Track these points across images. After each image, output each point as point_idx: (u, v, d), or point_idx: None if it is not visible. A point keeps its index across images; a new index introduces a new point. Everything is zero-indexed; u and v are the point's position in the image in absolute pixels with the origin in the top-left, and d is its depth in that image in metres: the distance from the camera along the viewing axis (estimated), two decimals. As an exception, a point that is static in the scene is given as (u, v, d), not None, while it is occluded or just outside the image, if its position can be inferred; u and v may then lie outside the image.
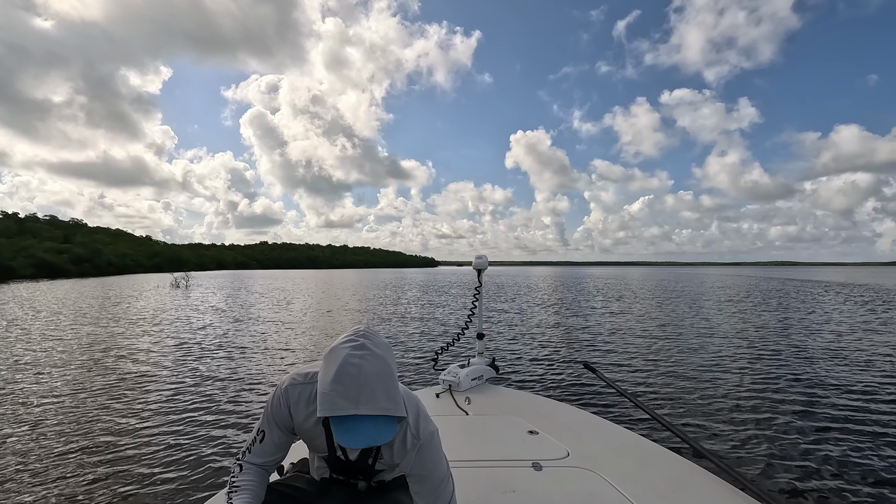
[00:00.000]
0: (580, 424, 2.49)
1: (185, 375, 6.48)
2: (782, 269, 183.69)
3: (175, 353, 8.08)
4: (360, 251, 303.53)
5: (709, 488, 1.81)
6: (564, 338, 9.63)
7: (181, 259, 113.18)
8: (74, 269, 69.74)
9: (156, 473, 3.45)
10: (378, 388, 0.97)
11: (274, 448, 1.23)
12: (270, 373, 6.65)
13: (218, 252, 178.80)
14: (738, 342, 8.89)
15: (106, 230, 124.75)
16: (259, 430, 1.23)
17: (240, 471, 1.21)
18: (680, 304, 17.37)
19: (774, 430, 4.27)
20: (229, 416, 4.72)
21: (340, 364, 0.98)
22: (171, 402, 5.20)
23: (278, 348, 8.60)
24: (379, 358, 1.01)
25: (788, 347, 8.29)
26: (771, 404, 5.01)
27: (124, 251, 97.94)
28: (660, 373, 6.50)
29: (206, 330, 11.04)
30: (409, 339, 9.71)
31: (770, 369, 6.65)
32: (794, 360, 7.16)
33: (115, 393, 5.57)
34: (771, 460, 3.61)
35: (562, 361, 7.29)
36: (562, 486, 1.77)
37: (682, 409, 4.89)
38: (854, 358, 7.34)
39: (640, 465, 1.98)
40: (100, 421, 4.59)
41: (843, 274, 69.93)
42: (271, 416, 1.21)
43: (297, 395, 1.19)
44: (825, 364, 6.92)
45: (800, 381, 5.98)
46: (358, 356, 0.99)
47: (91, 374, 6.48)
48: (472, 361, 3.27)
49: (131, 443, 4.00)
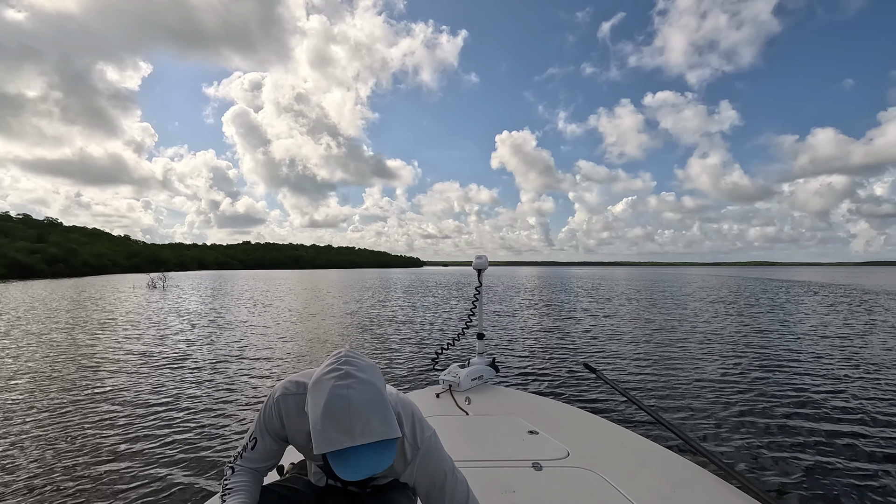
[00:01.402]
0: (580, 424, 2.49)
1: (150, 386, 5.89)
2: (761, 269, 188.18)
3: (141, 361, 7.45)
4: (345, 251, 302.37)
5: (709, 488, 1.80)
6: (564, 338, 9.55)
7: (161, 259, 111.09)
8: (48, 269, 67.92)
9: (121, 490, 3.25)
10: (372, 415, 0.94)
11: (265, 455, 1.22)
12: (248, 383, 6.06)
13: (199, 252, 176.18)
14: (734, 343, 8.87)
15: (82, 229, 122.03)
16: (252, 436, 1.21)
17: (232, 473, 1.20)
18: (672, 304, 17.44)
19: (774, 429, 4.25)
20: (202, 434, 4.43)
21: (328, 398, 0.94)
22: (130, 418, 4.67)
23: (256, 357, 7.75)
24: (366, 384, 0.96)
25: (784, 348, 8.30)
26: (770, 404, 4.98)
27: (101, 251, 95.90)
28: (659, 373, 6.46)
29: (178, 336, 10.09)
30: (403, 343, 9.51)
31: (768, 369, 6.58)
32: (791, 361, 7.12)
33: (67, 408, 4.98)
34: (770, 460, 3.58)
35: (562, 361, 7.23)
36: (562, 486, 1.76)
37: (682, 409, 4.86)
38: (851, 358, 7.29)
39: (640, 465, 1.97)
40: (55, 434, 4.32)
41: (823, 274, 71.63)
42: (264, 425, 1.19)
43: (289, 405, 1.16)
44: (824, 364, 6.88)
45: (798, 381, 5.96)
46: (345, 387, 0.95)
47: (41, 386, 5.90)
48: (472, 361, 3.27)
49: (94, 460, 3.74)
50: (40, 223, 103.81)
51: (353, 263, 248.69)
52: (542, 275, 71.06)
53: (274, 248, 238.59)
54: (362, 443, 0.91)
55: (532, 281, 43.77)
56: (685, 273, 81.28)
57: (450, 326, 11.75)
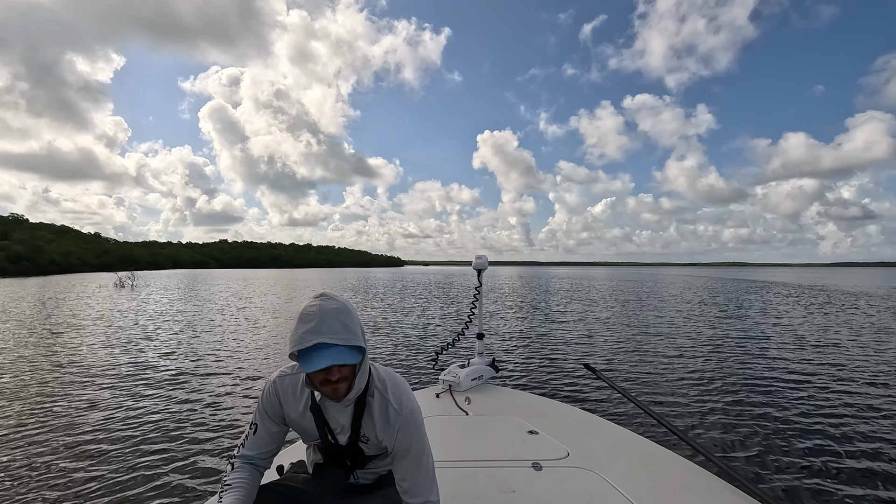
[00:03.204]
0: (580, 424, 2.47)
1: (87, 400, 5.16)
2: (735, 269, 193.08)
3: (87, 367, 6.83)
4: (325, 250, 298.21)
5: (709, 488, 1.79)
6: (564, 338, 9.52)
7: (134, 257, 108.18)
8: (11, 267, 65.25)
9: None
10: (336, 321, 1.11)
11: (267, 439, 1.29)
12: (210, 401, 5.16)
13: (174, 250, 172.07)
14: (731, 343, 8.89)
15: (50, 226, 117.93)
16: (252, 423, 1.30)
17: (231, 469, 1.24)
18: (663, 305, 17.54)
19: (773, 429, 4.22)
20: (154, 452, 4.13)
21: (303, 309, 1.13)
22: (72, 437, 4.10)
23: (223, 372, 6.46)
24: (337, 301, 1.15)
25: (781, 348, 8.33)
26: (769, 404, 4.98)
27: (69, 249, 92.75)
28: (657, 372, 6.45)
29: (142, 343, 8.90)
30: (401, 343, 9.35)
31: (766, 369, 6.60)
32: (789, 361, 7.14)
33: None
34: (770, 460, 3.56)
35: (562, 362, 7.21)
36: (562, 486, 1.75)
37: (681, 409, 4.84)
38: (849, 359, 7.35)
39: (640, 465, 1.95)
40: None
41: (796, 275, 73.82)
42: (263, 408, 1.29)
43: (285, 385, 1.29)
44: (822, 364, 6.91)
45: (797, 380, 5.98)
46: (317, 301, 1.13)
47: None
48: (472, 361, 3.26)
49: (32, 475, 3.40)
50: (5, 219, 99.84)
51: (333, 263, 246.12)
52: (524, 274, 71.42)
53: (252, 247, 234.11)
54: (325, 341, 1.08)
55: (514, 281, 43.96)
56: (664, 273, 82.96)
57: (438, 327, 11.57)
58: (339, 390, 1.16)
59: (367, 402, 1.27)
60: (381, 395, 1.26)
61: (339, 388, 1.15)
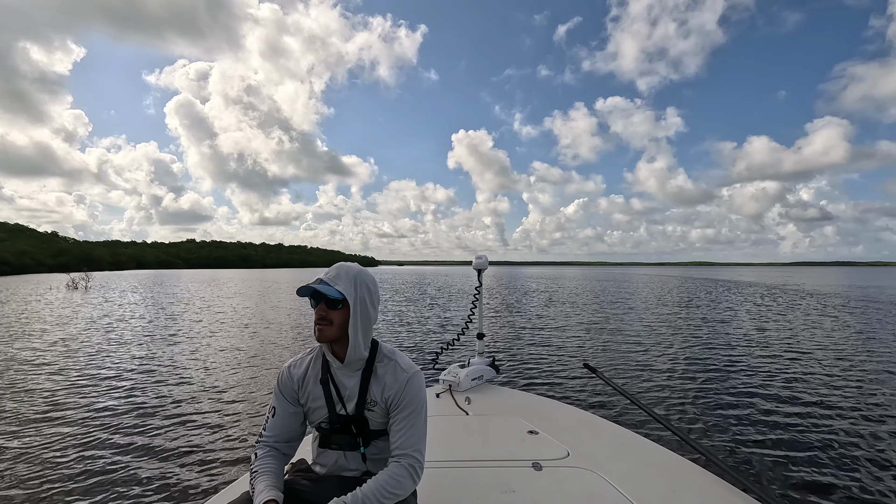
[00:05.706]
0: (580, 424, 2.45)
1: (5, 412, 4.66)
2: (701, 269, 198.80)
3: (21, 372, 6.42)
4: (297, 250, 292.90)
5: (709, 488, 1.79)
6: (564, 338, 9.48)
7: (94, 257, 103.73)
8: (-42, 268, 61.24)
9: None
10: (341, 272, 1.28)
11: (287, 420, 1.36)
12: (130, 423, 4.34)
13: (138, 250, 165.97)
14: (728, 342, 8.91)
15: (3, 225, 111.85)
16: (271, 407, 1.38)
17: (255, 457, 1.30)
18: (647, 303, 17.79)
19: (773, 429, 4.20)
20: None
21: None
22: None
23: (182, 400, 5.14)
24: (358, 267, 1.33)
25: (778, 348, 8.33)
26: (768, 403, 4.97)
27: (24, 248, 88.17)
28: (657, 372, 6.42)
29: (83, 352, 7.94)
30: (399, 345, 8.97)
31: (764, 369, 6.57)
32: (787, 361, 7.14)
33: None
34: (770, 460, 3.53)
35: (562, 361, 7.17)
36: (562, 486, 1.75)
37: (681, 409, 4.82)
38: (848, 359, 7.34)
39: (640, 465, 1.95)
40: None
41: (761, 274, 76.43)
42: (279, 391, 1.37)
43: (297, 363, 1.41)
44: (821, 364, 6.91)
45: (796, 380, 5.97)
46: (348, 263, 1.32)
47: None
48: (472, 361, 3.26)
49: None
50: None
51: (305, 263, 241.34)
52: (500, 274, 71.74)
53: (221, 247, 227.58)
54: (322, 279, 1.27)
55: (490, 280, 44.00)
56: (635, 273, 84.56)
57: (429, 328, 11.39)
58: (323, 332, 1.27)
59: (374, 369, 1.34)
60: (389, 359, 1.35)
61: (323, 329, 1.26)
